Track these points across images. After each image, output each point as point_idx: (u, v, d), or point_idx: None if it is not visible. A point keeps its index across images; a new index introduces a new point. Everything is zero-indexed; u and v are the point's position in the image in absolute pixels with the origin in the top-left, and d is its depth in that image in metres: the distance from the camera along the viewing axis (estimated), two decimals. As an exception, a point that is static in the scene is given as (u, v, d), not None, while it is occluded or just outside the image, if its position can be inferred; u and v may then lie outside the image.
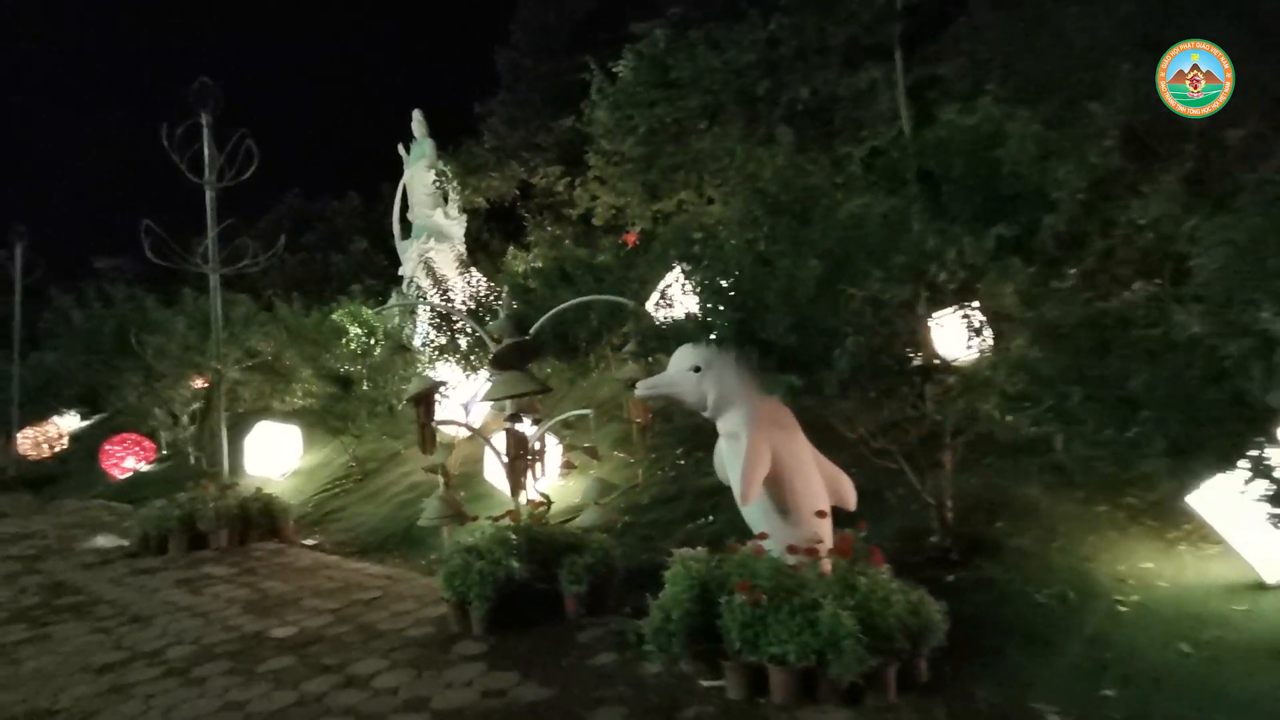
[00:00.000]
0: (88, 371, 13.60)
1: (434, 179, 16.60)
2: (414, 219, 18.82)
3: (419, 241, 18.21)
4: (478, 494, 9.37)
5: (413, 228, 18.85)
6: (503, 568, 5.60)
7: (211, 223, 9.79)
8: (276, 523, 9.58)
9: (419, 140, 18.95)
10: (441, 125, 18.80)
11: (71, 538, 10.69)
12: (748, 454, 4.43)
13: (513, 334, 4.89)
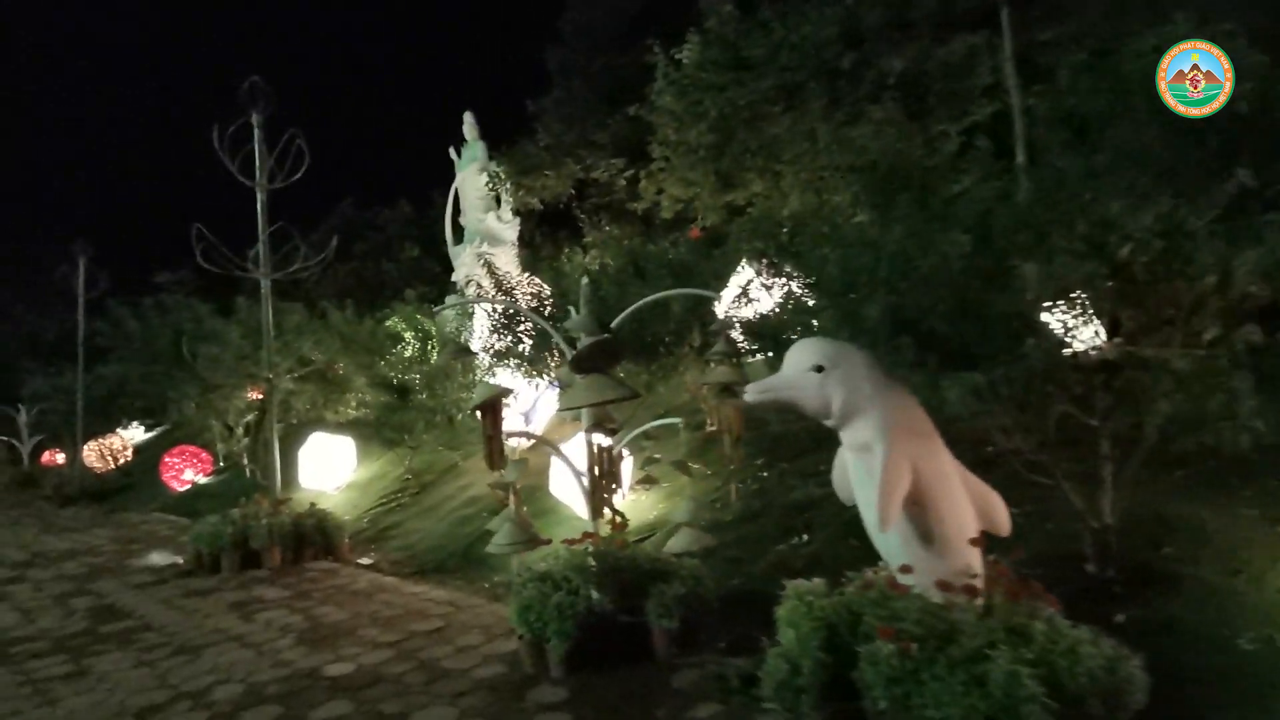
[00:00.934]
0: (146, 383, 13.44)
1: (486, 182, 16.14)
2: (466, 224, 18.43)
3: (472, 246, 17.80)
4: (541, 510, 8.73)
5: (465, 233, 18.46)
6: (583, 600, 4.92)
7: (263, 225, 9.39)
8: (331, 541, 9.08)
9: (470, 143, 18.58)
10: (492, 127, 18.41)
11: (127, 554, 10.40)
12: (885, 470, 3.65)
13: (594, 332, 4.22)
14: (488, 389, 5.22)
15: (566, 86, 16.51)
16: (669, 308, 6.37)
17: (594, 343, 4.11)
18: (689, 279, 6.84)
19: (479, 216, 18.28)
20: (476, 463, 10.80)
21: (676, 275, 6.95)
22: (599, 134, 14.75)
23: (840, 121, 7.92)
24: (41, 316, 26.26)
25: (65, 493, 17.76)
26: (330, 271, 24.04)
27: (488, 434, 5.26)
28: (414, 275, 21.15)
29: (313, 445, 12.05)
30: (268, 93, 9.46)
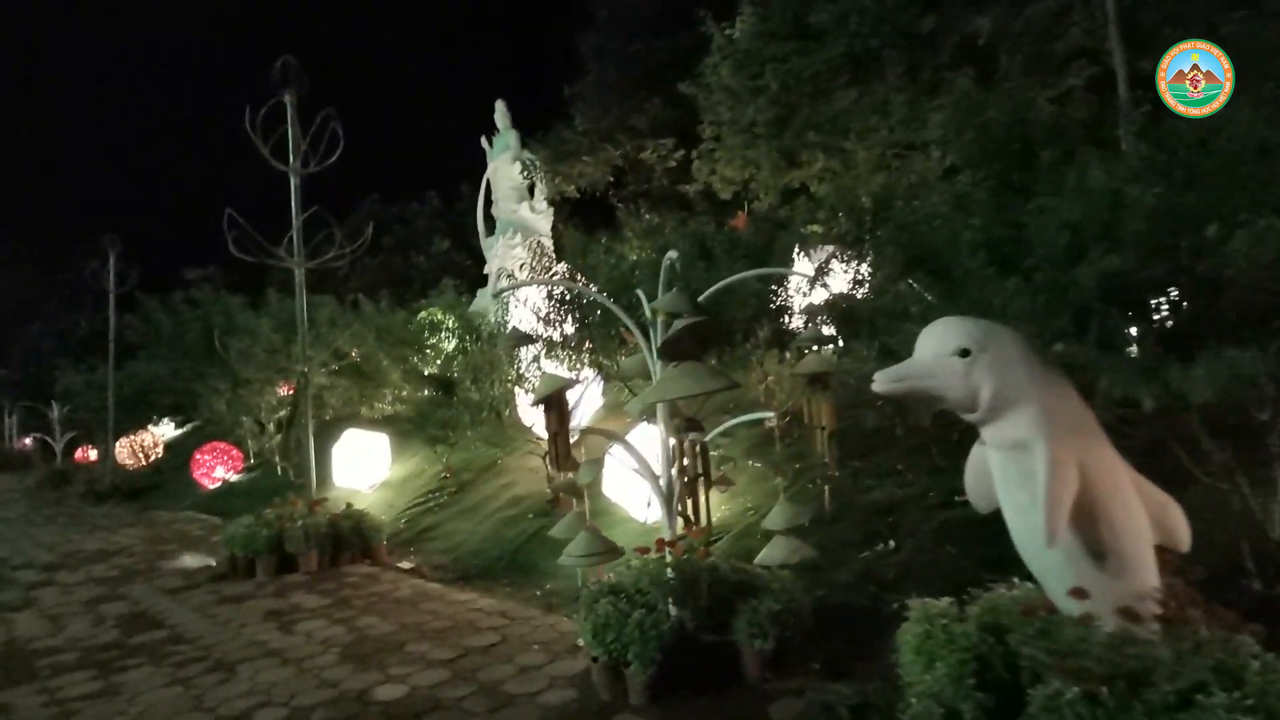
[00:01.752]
0: (176, 379, 13.12)
1: (521, 170, 15.63)
2: (498, 214, 17.95)
3: (504, 238, 17.32)
4: (593, 511, 8.17)
5: (497, 224, 17.99)
6: (666, 618, 4.36)
7: (296, 211, 8.93)
8: (369, 543, 8.61)
9: (502, 132, 18.09)
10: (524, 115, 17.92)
11: (158, 555, 10.02)
12: (1051, 473, 3.04)
13: (688, 312, 3.64)
14: (553, 380, 4.67)
15: (601, 72, 15.93)
16: (743, 291, 5.78)
17: (689, 325, 3.54)
18: (760, 262, 6.25)
19: (512, 207, 17.79)
20: (519, 460, 10.30)
21: (747, 257, 6.36)
22: (637, 118, 14.16)
23: (921, 89, 7.25)
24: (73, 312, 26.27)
25: (97, 490, 17.56)
26: (359, 266, 23.73)
27: (553, 431, 4.71)
28: (444, 269, 20.72)
29: (346, 442, 11.60)
30: (301, 72, 8.99)
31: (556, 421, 4.72)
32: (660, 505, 4.84)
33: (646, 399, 3.54)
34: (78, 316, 25.85)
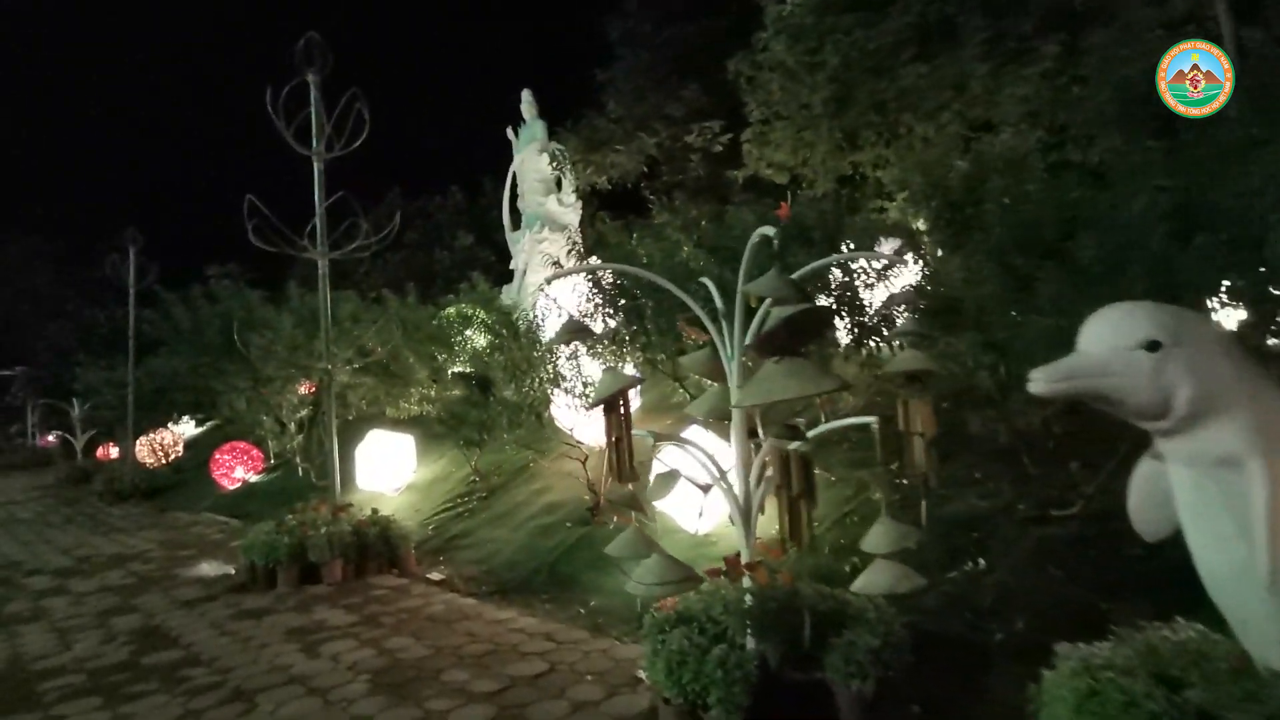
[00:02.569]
0: (194, 376, 12.68)
1: (550, 162, 15.08)
2: (524, 208, 17.39)
3: (531, 232, 16.76)
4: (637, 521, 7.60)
5: (523, 217, 17.44)
6: (749, 654, 3.76)
7: (319, 198, 8.41)
8: (396, 552, 8.07)
9: (529, 122, 17.53)
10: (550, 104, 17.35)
11: (176, 561, 9.55)
12: (1274, 498, 2.40)
13: (789, 298, 3.05)
14: (614, 379, 4.08)
15: (633, 58, 15.34)
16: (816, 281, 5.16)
17: (797, 313, 2.94)
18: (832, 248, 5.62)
19: (539, 200, 17.23)
20: (552, 464, 9.73)
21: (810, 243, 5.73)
22: (672, 106, 13.55)
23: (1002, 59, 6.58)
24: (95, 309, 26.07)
25: (116, 489, 17.22)
26: (379, 262, 23.33)
27: (615, 436, 4.13)
28: (467, 264, 20.24)
29: (370, 443, 11.10)
30: (325, 50, 8.47)
31: (618, 425, 4.14)
32: (738, 522, 4.24)
33: (745, 399, 2.95)
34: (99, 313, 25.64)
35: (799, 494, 3.13)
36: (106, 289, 21.06)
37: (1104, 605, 4.80)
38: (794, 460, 3.14)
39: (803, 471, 3.14)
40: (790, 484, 3.15)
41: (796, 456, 3.14)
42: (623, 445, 4.15)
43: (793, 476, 3.14)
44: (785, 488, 3.18)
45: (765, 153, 8.61)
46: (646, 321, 5.70)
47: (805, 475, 3.14)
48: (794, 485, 3.13)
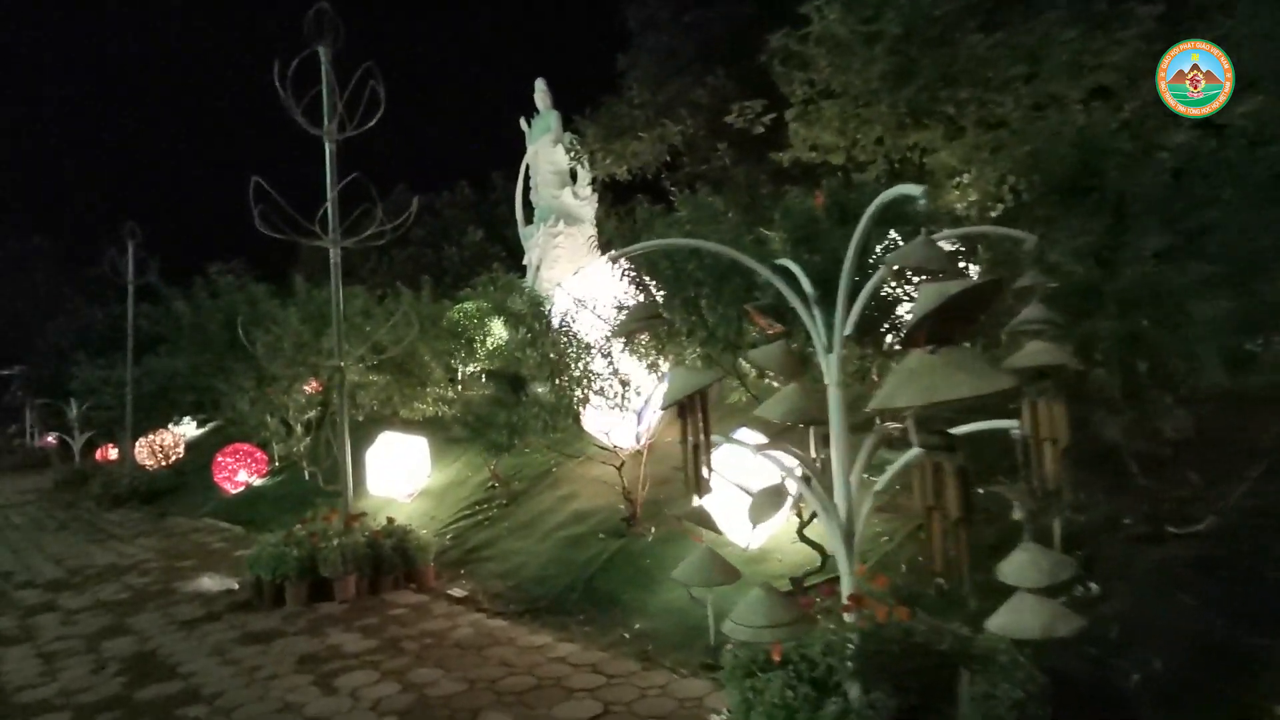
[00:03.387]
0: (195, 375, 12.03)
1: (569, 151, 14.41)
2: (538, 201, 16.74)
3: (545, 226, 16.11)
4: (675, 534, 6.94)
5: (536, 211, 16.79)
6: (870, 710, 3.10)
7: (331, 181, 7.75)
8: (413, 565, 7.43)
9: (542, 113, 16.87)
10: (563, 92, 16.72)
11: (175, 573, 8.89)
12: None
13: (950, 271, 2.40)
14: (691, 376, 3.44)
15: (655, 42, 14.63)
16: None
17: (959, 294, 2.28)
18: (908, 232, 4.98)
19: (553, 193, 16.58)
20: (578, 469, 9.07)
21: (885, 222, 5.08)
22: (697, 92, 12.86)
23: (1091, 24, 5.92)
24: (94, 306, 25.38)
25: (114, 493, 16.55)
26: (387, 258, 22.68)
27: (692, 443, 3.49)
28: (477, 260, 19.61)
29: (382, 446, 10.44)
30: (336, 22, 7.82)
31: (696, 430, 3.50)
32: (840, 547, 3.58)
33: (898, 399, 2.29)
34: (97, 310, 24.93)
35: (959, 518, 2.47)
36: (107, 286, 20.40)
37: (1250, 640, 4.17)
38: (951, 476, 2.48)
39: (962, 490, 2.48)
40: (945, 505, 2.49)
41: (955, 472, 2.48)
42: (700, 452, 3.52)
43: (949, 496, 2.48)
44: (938, 509, 2.52)
45: (813, 133, 7.95)
46: (705, 312, 5.05)
47: (964, 495, 2.48)
48: (951, 506, 2.47)
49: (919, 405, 2.36)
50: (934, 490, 2.52)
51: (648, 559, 6.81)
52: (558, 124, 16.62)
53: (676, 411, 3.53)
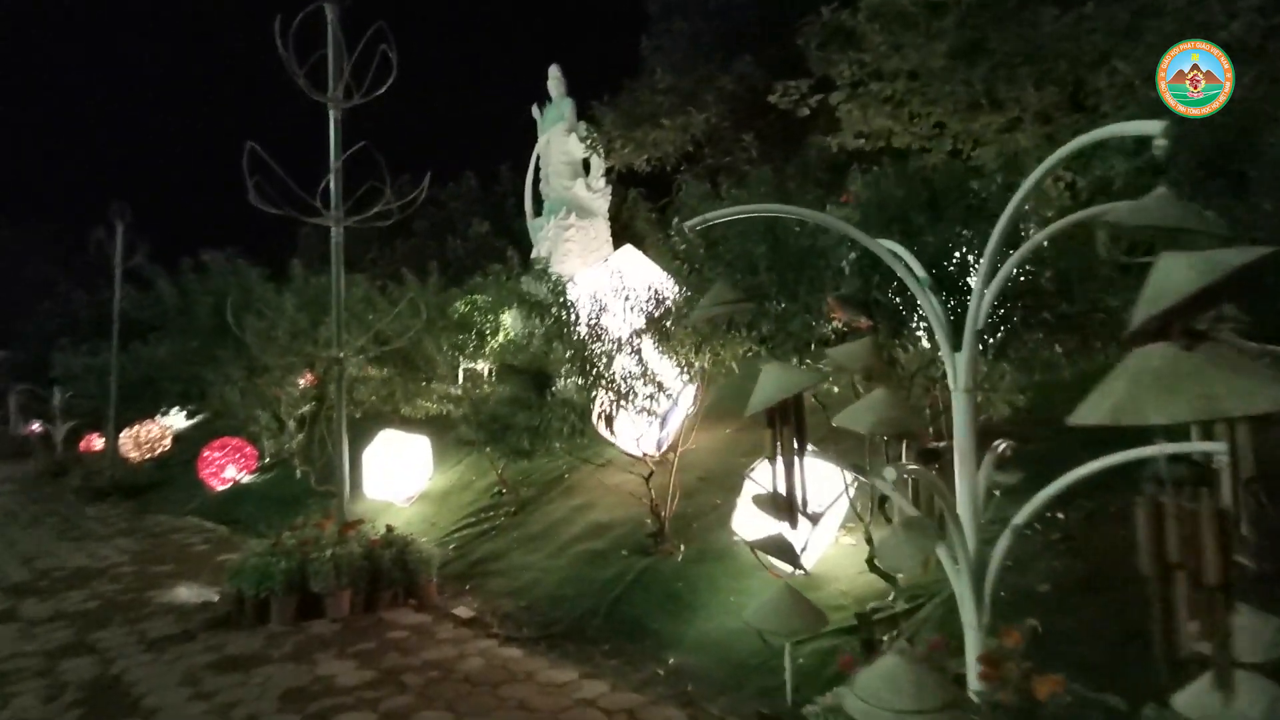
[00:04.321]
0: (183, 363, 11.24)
1: (585, 138, 13.71)
2: (549, 193, 16.02)
3: (556, 218, 15.39)
4: (710, 553, 6.21)
5: (546, 203, 16.07)
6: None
7: (335, 152, 7.02)
8: (415, 579, 6.69)
9: (555, 100, 16.15)
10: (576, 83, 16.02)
11: (150, 579, 8.11)
12: None
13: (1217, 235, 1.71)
14: (788, 376, 2.73)
15: (673, 29, 13.94)
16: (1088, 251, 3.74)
17: (1241, 267, 1.59)
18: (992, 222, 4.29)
19: (565, 184, 15.85)
20: (592, 476, 8.32)
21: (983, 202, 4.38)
22: (722, 78, 12.17)
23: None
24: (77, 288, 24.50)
25: (94, 486, 15.75)
26: (388, 249, 21.93)
27: (787, 458, 2.80)
28: (482, 253, 18.88)
29: (380, 446, 9.69)
30: (345, -23, 7.09)
31: (789, 444, 2.80)
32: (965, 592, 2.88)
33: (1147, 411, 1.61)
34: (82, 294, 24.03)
35: (1219, 582, 1.75)
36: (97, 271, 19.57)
37: None
38: (1207, 524, 1.76)
39: (1223, 543, 1.76)
40: (1195, 563, 1.77)
41: (1213, 516, 1.76)
42: (794, 471, 2.81)
43: (1204, 551, 1.76)
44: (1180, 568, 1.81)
45: (867, 116, 7.24)
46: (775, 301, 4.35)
47: (1225, 550, 1.77)
48: (1209, 567, 1.75)
49: (1190, 420, 1.65)
50: (1180, 541, 1.81)
51: (679, 581, 6.08)
52: (571, 112, 15.91)
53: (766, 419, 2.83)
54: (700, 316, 2.79)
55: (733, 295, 2.77)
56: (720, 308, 2.78)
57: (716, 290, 2.81)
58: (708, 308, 2.76)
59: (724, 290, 2.80)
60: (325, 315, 10.35)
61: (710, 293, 2.83)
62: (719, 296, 2.80)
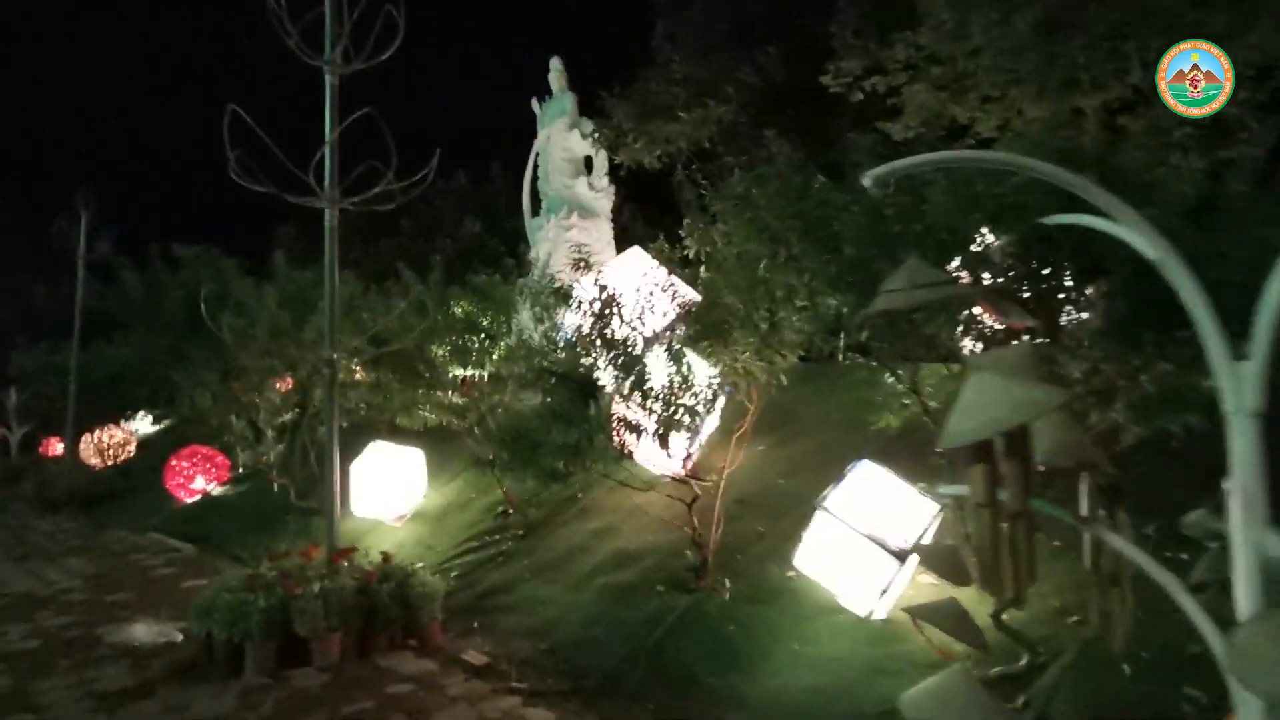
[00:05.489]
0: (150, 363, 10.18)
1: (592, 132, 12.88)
2: (548, 191, 15.16)
3: (557, 218, 14.53)
4: (768, 589, 5.35)
5: (545, 202, 15.22)
6: None
7: (330, 123, 6.10)
8: (416, 617, 5.76)
9: (556, 94, 15.32)
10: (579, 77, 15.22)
11: (103, 611, 7.07)
12: None
13: None
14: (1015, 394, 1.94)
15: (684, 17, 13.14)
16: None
17: None
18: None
19: (566, 182, 15.00)
20: (610, 496, 7.45)
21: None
22: (743, 69, 11.40)
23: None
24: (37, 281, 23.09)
25: (49, 496, 14.52)
26: (373, 249, 20.95)
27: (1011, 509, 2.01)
28: (474, 253, 17.97)
29: (370, 459, 8.72)
30: (345, -73, 6.21)
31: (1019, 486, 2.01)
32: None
33: None
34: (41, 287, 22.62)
35: None
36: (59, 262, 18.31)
37: None
38: None
39: None
40: None
41: None
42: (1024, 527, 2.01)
43: None
44: None
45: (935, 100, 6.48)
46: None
47: None
48: None
49: None
50: None
51: (730, 625, 5.22)
52: (574, 106, 15.08)
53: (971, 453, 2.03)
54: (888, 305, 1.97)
55: (930, 278, 1.95)
56: (921, 292, 1.95)
57: (910, 268, 1.99)
58: (900, 291, 1.93)
59: (920, 269, 1.98)
60: (310, 314, 9.41)
61: (899, 272, 2.00)
62: (915, 276, 1.98)
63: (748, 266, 5.00)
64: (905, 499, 4.90)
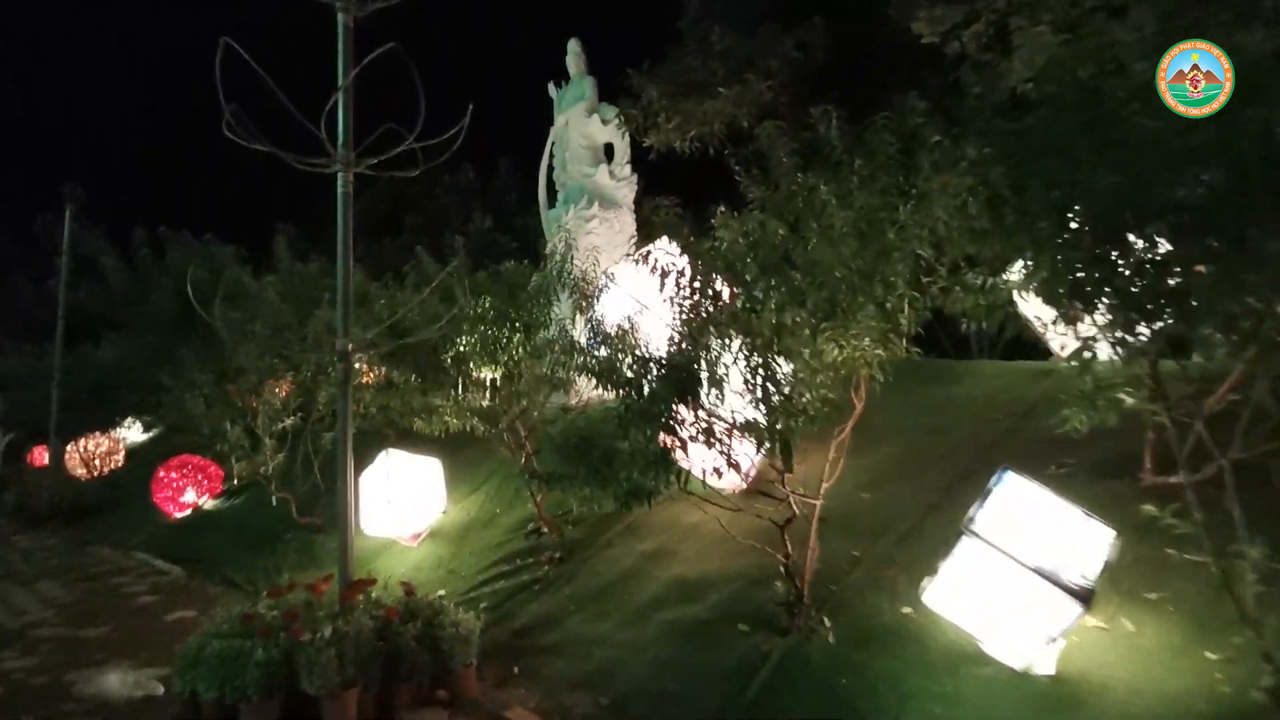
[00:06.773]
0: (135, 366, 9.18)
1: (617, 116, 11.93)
2: (566, 180, 14.22)
3: (576, 208, 13.57)
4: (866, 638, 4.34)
5: (562, 192, 14.28)
6: None
7: (343, 70, 5.12)
8: (447, 663, 4.74)
9: (575, 79, 14.39)
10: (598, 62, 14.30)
11: (75, 651, 6.03)
12: None
13: None
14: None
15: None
16: None
17: None
18: None
19: (585, 171, 14.07)
20: (661, 514, 6.44)
21: None
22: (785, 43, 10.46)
23: None
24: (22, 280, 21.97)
25: (30, 509, 13.49)
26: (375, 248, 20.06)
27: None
28: (484, 250, 17.05)
29: (382, 469, 7.70)
30: None
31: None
32: None
33: None
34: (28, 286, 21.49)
35: None
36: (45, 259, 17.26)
37: None
38: None
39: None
40: None
41: None
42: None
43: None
44: None
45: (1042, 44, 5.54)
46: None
47: None
48: None
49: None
50: None
51: (841, 676, 4.20)
52: (593, 91, 14.13)
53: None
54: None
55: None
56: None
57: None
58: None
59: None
60: (315, 308, 8.43)
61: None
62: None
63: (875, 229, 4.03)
64: (1067, 521, 3.93)
